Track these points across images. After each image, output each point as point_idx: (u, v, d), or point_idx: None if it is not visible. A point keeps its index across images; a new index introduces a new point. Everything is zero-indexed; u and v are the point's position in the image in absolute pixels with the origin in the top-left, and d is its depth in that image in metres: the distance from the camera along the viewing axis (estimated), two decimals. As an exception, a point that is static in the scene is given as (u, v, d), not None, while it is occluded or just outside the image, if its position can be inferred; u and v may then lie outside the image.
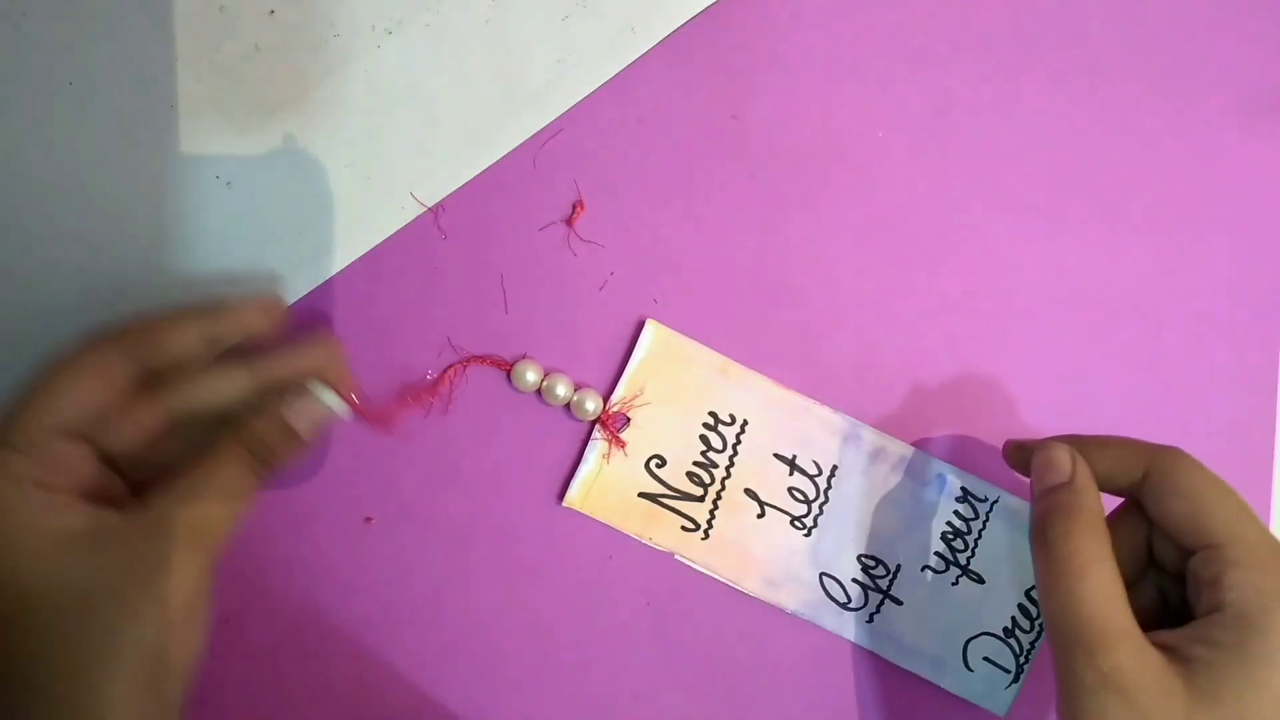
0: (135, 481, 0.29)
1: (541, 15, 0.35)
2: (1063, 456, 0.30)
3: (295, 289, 0.34)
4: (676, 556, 0.35)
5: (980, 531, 0.35)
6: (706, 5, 0.36)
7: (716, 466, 0.35)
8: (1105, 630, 0.26)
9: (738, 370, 0.35)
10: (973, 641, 0.35)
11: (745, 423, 0.35)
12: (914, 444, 0.36)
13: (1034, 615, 0.35)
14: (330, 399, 0.30)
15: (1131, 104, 0.37)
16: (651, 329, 0.35)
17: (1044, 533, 0.28)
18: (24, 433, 0.26)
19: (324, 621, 0.34)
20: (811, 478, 0.35)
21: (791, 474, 0.35)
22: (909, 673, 0.35)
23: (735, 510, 0.35)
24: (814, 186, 0.36)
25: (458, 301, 0.35)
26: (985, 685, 0.35)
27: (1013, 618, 0.35)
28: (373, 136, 0.35)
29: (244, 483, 0.28)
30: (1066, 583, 0.27)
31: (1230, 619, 0.25)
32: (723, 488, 0.35)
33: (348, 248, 0.35)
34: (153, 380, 0.29)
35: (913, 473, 0.36)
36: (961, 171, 0.37)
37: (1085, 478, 0.29)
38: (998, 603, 0.35)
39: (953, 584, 0.35)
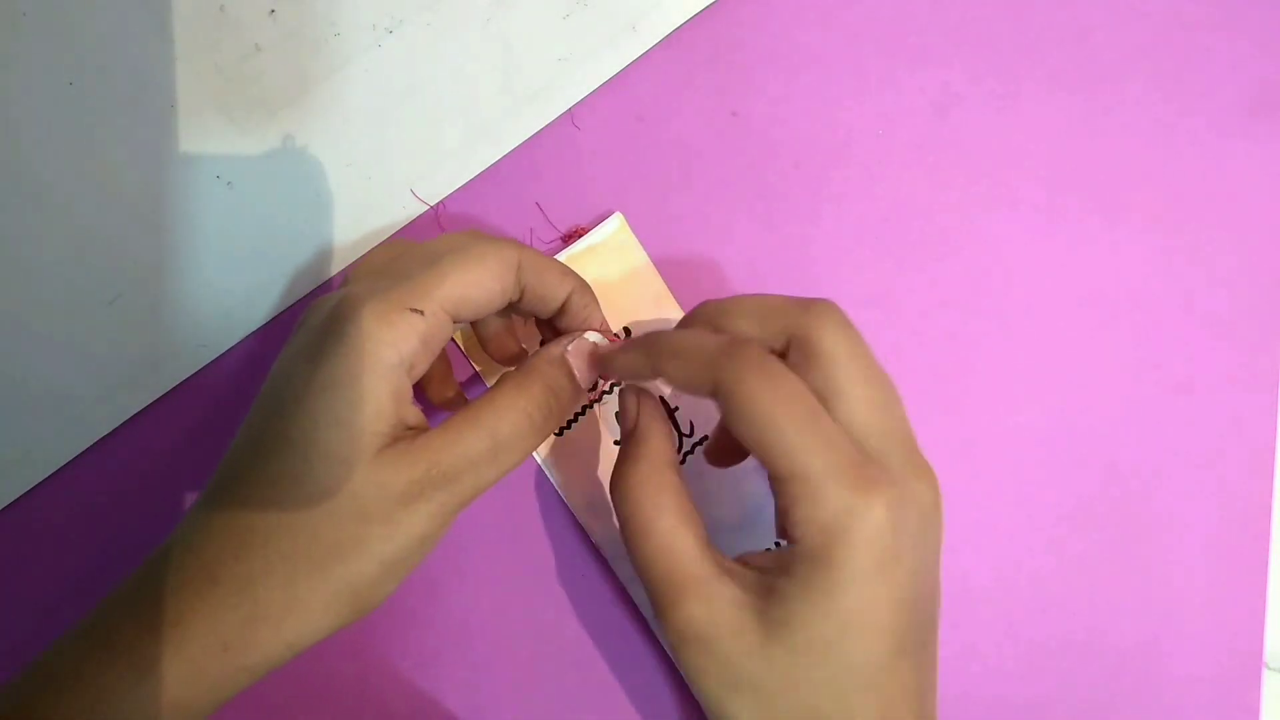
0: None
1: (542, 14, 0.35)
2: (629, 403, 0.29)
3: (296, 289, 0.34)
4: None
5: None
6: (707, 4, 0.36)
7: (603, 379, 0.35)
8: (672, 585, 0.26)
9: (671, 306, 0.35)
10: None
11: (626, 332, 0.35)
12: None
13: None
14: (597, 340, 0.30)
15: (1131, 103, 0.37)
16: (617, 221, 0.35)
17: (613, 487, 0.28)
18: (427, 300, 0.26)
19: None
20: (681, 435, 0.35)
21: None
22: (667, 660, 0.35)
23: (597, 426, 0.35)
24: (814, 184, 0.36)
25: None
26: None
27: None
28: (373, 136, 0.35)
29: (521, 452, 0.27)
30: (634, 540, 0.27)
31: (800, 552, 0.25)
32: (600, 400, 0.35)
33: (348, 248, 0.35)
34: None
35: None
36: (961, 170, 0.37)
37: (649, 420, 0.28)
38: None
39: None
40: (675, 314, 0.35)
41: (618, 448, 0.35)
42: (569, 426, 0.35)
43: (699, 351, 0.26)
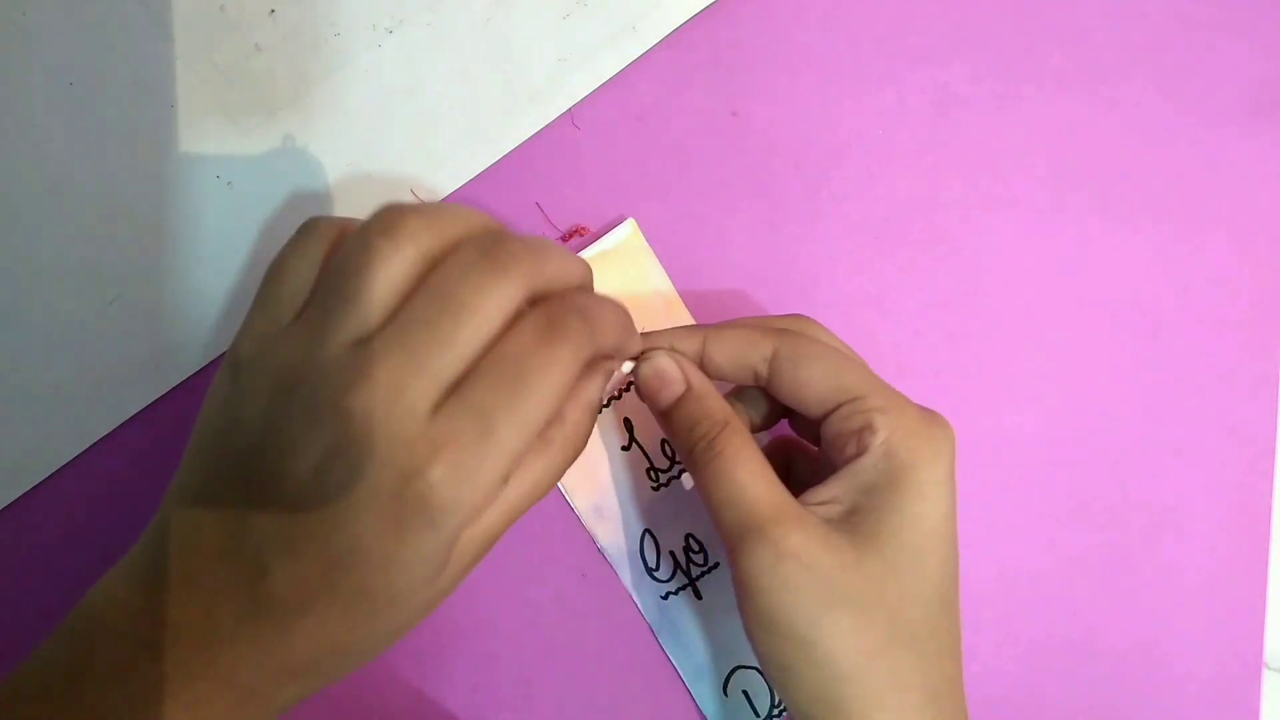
0: None
1: (542, 14, 0.35)
2: (669, 367, 0.29)
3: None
4: None
5: None
6: (707, 4, 0.36)
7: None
8: (770, 513, 0.27)
9: (681, 311, 0.35)
10: (741, 671, 0.35)
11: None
12: None
13: None
14: (626, 366, 0.30)
15: (1132, 103, 0.37)
16: (630, 227, 0.35)
17: (692, 448, 0.28)
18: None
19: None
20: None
21: (665, 440, 0.35)
22: (669, 664, 0.35)
23: (607, 430, 0.35)
24: (814, 184, 0.36)
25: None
26: (729, 715, 0.35)
27: None
28: (373, 136, 0.35)
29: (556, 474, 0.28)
30: (727, 478, 0.27)
31: (879, 460, 0.27)
32: (608, 404, 0.35)
33: (348, 247, 0.35)
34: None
35: None
36: (961, 170, 0.37)
37: (701, 380, 0.29)
38: None
39: None
40: (685, 319, 0.35)
41: (624, 453, 0.35)
42: None
43: (751, 326, 0.29)
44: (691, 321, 0.35)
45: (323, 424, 0.23)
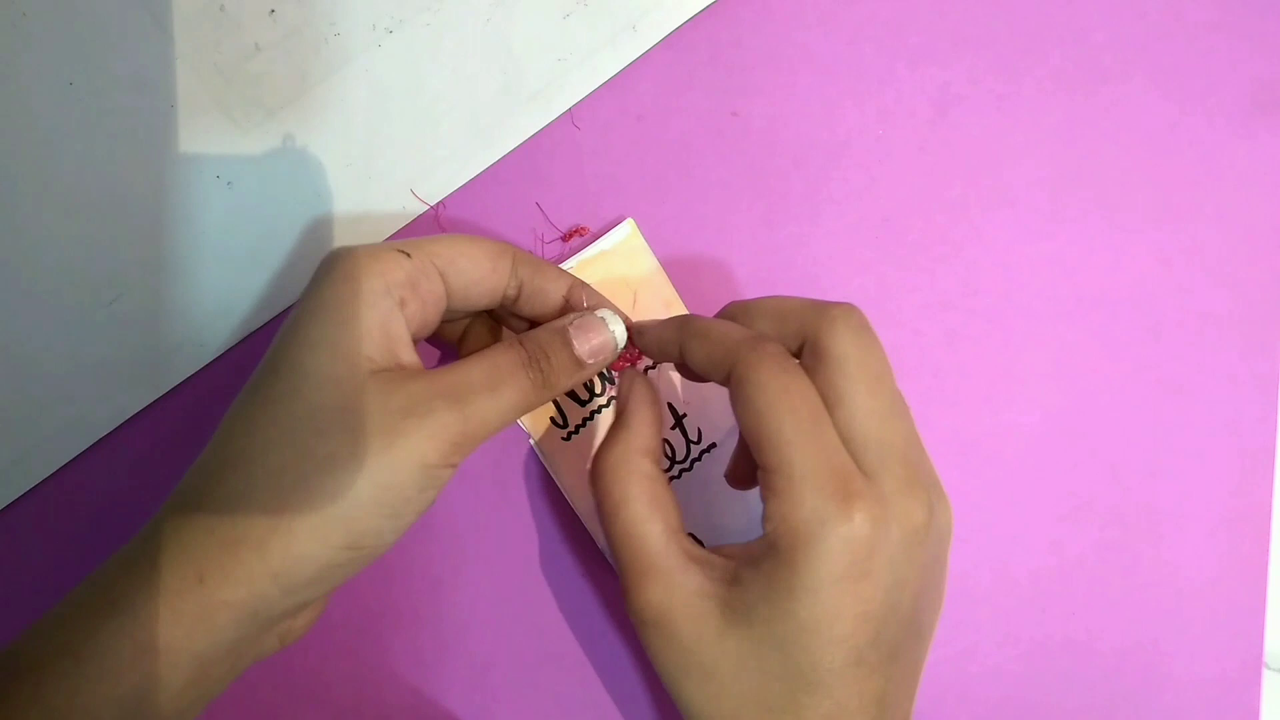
0: None
1: (542, 14, 0.35)
2: (624, 384, 0.30)
3: (296, 289, 0.34)
4: (532, 442, 0.35)
5: None
6: (707, 4, 0.36)
7: (611, 383, 0.35)
8: (635, 569, 0.26)
9: (680, 311, 0.35)
10: None
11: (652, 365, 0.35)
12: None
13: None
14: (618, 329, 0.30)
15: (1131, 103, 0.37)
16: (628, 227, 0.35)
17: (591, 469, 0.28)
18: (416, 249, 0.27)
19: (323, 621, 0.34)
20: (688, 442, 0.35)
21: (674, 428, 0.35)
22: None
23: (606, 430, 0.35)
24: (814, 184, 0.36)
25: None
26: None
27: None
28: (373, 136, 0.35)
29: (518, 389, 0.27)
30: (604, 527, 0.27)
31: (767, 545, 0.25)
32: (607, 404, 0.35)
33: (348, 247, 0.35)
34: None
35: None
36: (961, 170, 0.37)
37: (635, 407, 0.29)
38: None
39: None
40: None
41: None
42: (577, 431, 0.35)
43: (724, 338, 0.27)
44: None
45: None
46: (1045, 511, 0.36)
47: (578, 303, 0.30)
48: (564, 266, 0.35)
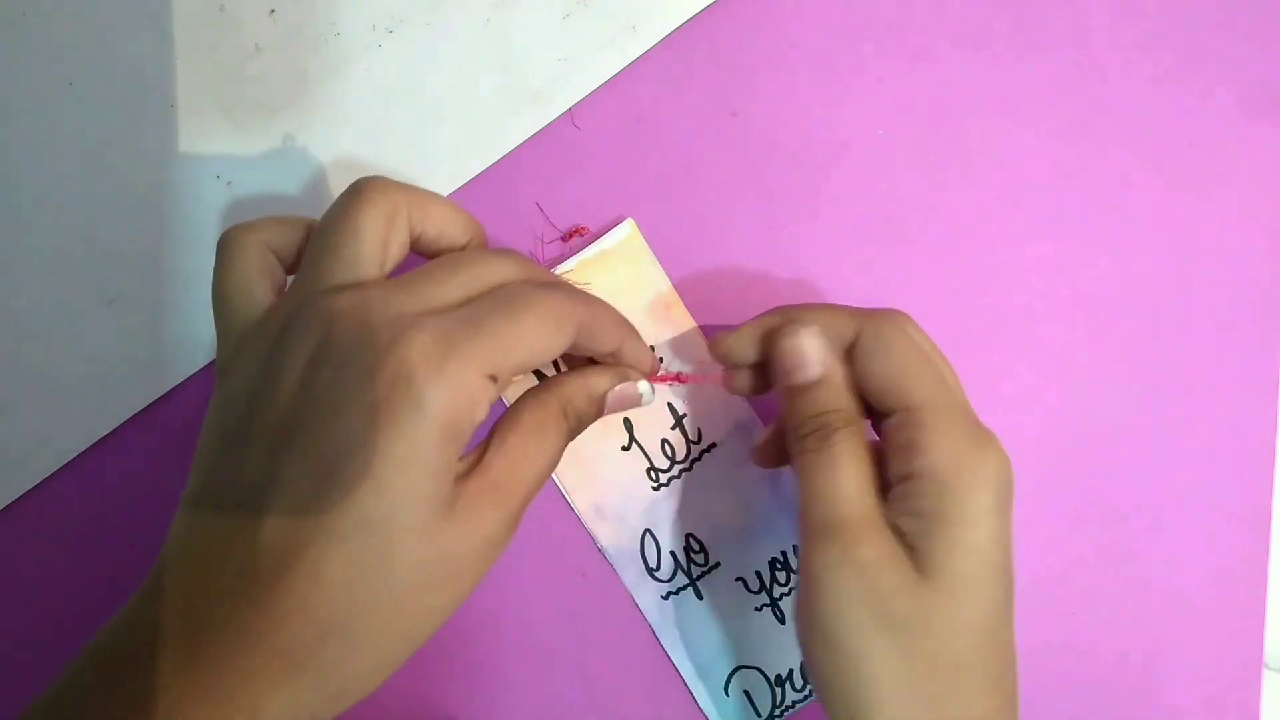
0: None
1: (542, 14, 0.35)
2: (813, 348, 0.29)
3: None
4: None
5: None
6: (707, 4, 0.36)
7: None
8: (857, 515, 0.27)
9: (680, 312, 0.35)
10: (743, 670, 0.35)
11: (660, 360, 0.35)
12: None
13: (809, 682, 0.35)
14: (645, 389, 0.31)
15: (1131, 103, 0.37)
16: (629, 227, 0.35)
17: (804, 433, 0.28)
18: (505, 364, 0.25)
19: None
20: (689, 441, 0.35)
21: (674, 428, 0.35)
22: (669, 663, 0.35)
23: (606, 430, 0.35)
24: (814, 184, 0.36)
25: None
26: (730, 715, 0.35)
27: (791, 670, 0.35)
28: (373, 136, 0.35)
29: (559, 447, 0.27)
30: (827, 474, 0.27)
31: (927, 484, 0.26)
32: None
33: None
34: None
35: (779, 489, 0.35)
36: (961, 169, 0.37)
37: (835, 369, 0.29)
38: (786, 648, 0.35)
39: (756, 609, 0.35)
40: (684, 319, 0.35)
41: (624, 453, 0.35)
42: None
43: (840, 310, 0.29)
44: (690, 321, 0.35)
45: (308, 336, 0.23)
46: (1045, 511, 0.36)
47: (628, 359, 0.30)
48: (565, 266, 0.35)
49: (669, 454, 0.35)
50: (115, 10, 0.33)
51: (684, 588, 0.35)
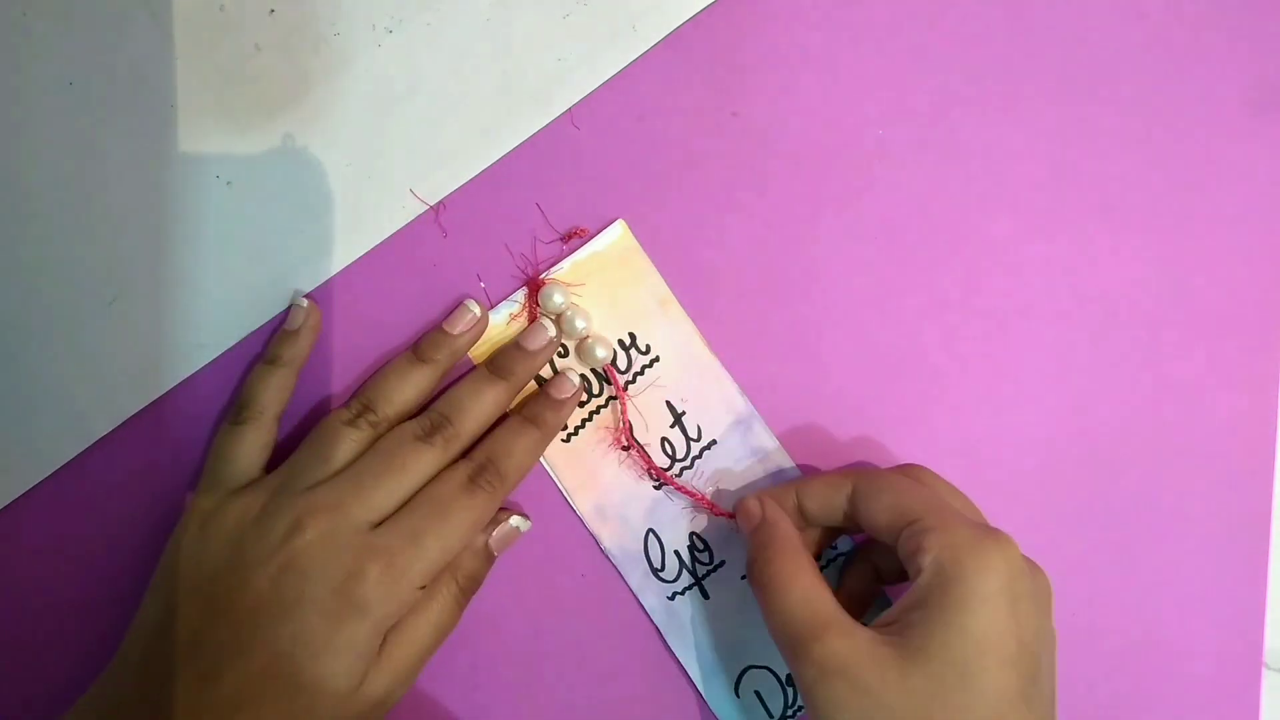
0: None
1: (542, 13, 0.35)
2: (752, 504, 0.33)
3: (296, 289, 0.34)
4: None
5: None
6: (707, 4, 0.36)
7: (608, 383, 0.35)
8: (813, 625, 0.28)
9: (676, 310, 0.35)
10: (753, 670, 0.35)
11: (657, 359, 0.35)
12: (806, 465, 0.36)
13: None
14: (518, 522, 0.34)
15: (1131, 102, 0.37)
16: (620, 228, 0.35)
17: (752, 567, 0.31)
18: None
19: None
20: (688, 439, 0.35)
21: (673, 426, 0.35)
22: (678, 664, 0.35)
23: (604, 434, 0.35)
24: (814, 184, 0.36)
25: (459, 299, 0.35)
26: (742, 716, 0.35)
27: None
28: (373, 135, 0.35)
29: (451, 611, 0.33)
30: (776, 598, 0.29)
31: (929, 577, 0.27)
32: (605, 404, 0.35)
33: (348, 247, 0.35)
34: None
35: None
36: (961, 169, 0.37)
37: (774, 511, 0.32)
38: None
39: None
40: (679, 316, 0.35)
41: (625, 454, 0.35)
42: (576, 433, 0.35)
43: (832, 475, 0.32)
44: (687, 320, 0.35)
45: (283, 543, 0.29)
46: (1045, 511, 0.36)
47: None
48: (557, 269, 0.35)
49: (669, 452, 0.35)
50: (115, 10, 0.33)
51: (690, 587, 0.35)
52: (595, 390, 0.35)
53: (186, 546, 0.31)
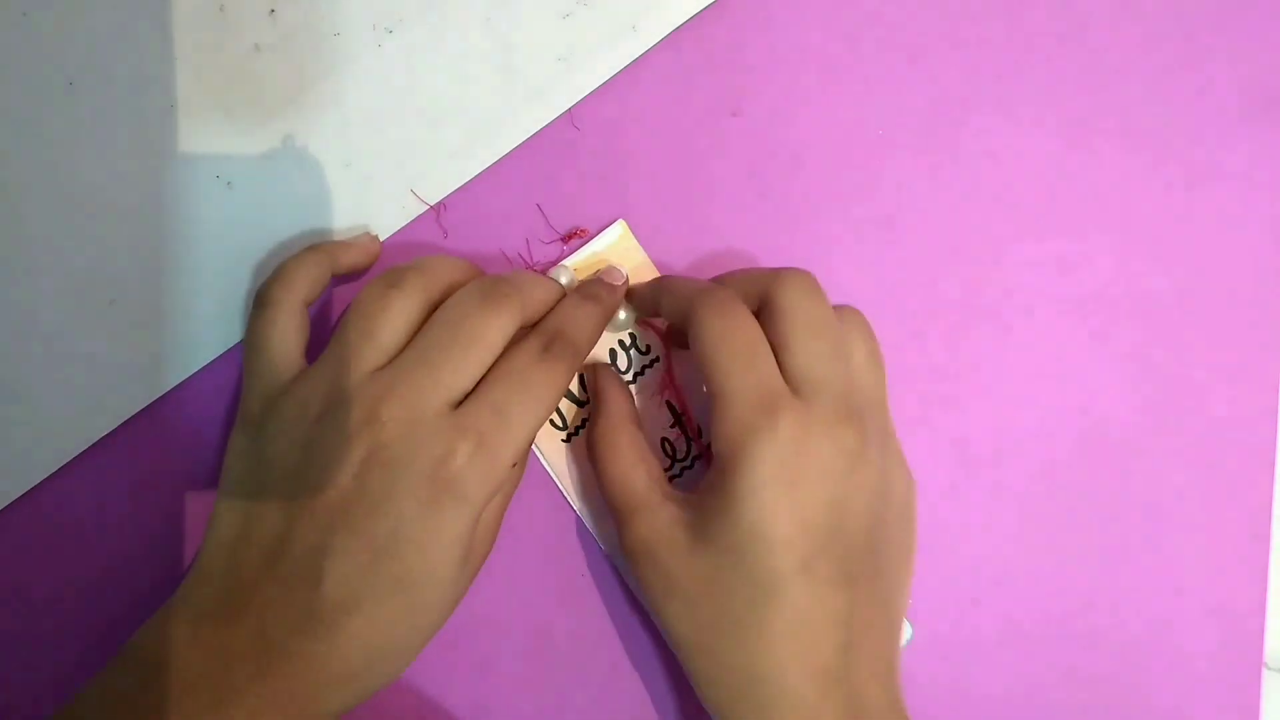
0: None
1: (542, 14, 0.35)
2: (589, 375, 0.34)
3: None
4: (532, 447, 0.34)
5: None
6: (707, 4, 0.36)
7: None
8: (627, 507, 0.30)
9: None
10: None
11: (656, 360, 0.35)
12: None
13: None
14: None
15: (1130, 102, 0.37)
16: (620, 228, 0.35)
17: (587, 447, 0.33)
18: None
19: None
20: (689, 439, 0.35)
21: (673, 426, 0.35)
22: (676, 667, 0.35)
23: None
24: (814, 184, 0.36)
25: (458, 301, 0.35)
26: None
27: None
28: (373, 136, 0.35)
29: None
30: (601, 477, 0.32)
31: (716, 464, 0.28)
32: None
33: (348, 247, 0.35)
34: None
35: None
36: (961, 169, 0.37)
37: (605, 379, 0.33)
38: None
39: None
40: None
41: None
42: (576, 433, 0.35)
43: (685, 290, 0.31)
44: None
45: (359, 435, 0.27)
46: (1045, 511, 0.36)
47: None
48: (558, 269, 0.35)
49: (669, 452, 0.35)
50: (115, 10, 0.33)
51: None
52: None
53: (250, 455, 0.29)
